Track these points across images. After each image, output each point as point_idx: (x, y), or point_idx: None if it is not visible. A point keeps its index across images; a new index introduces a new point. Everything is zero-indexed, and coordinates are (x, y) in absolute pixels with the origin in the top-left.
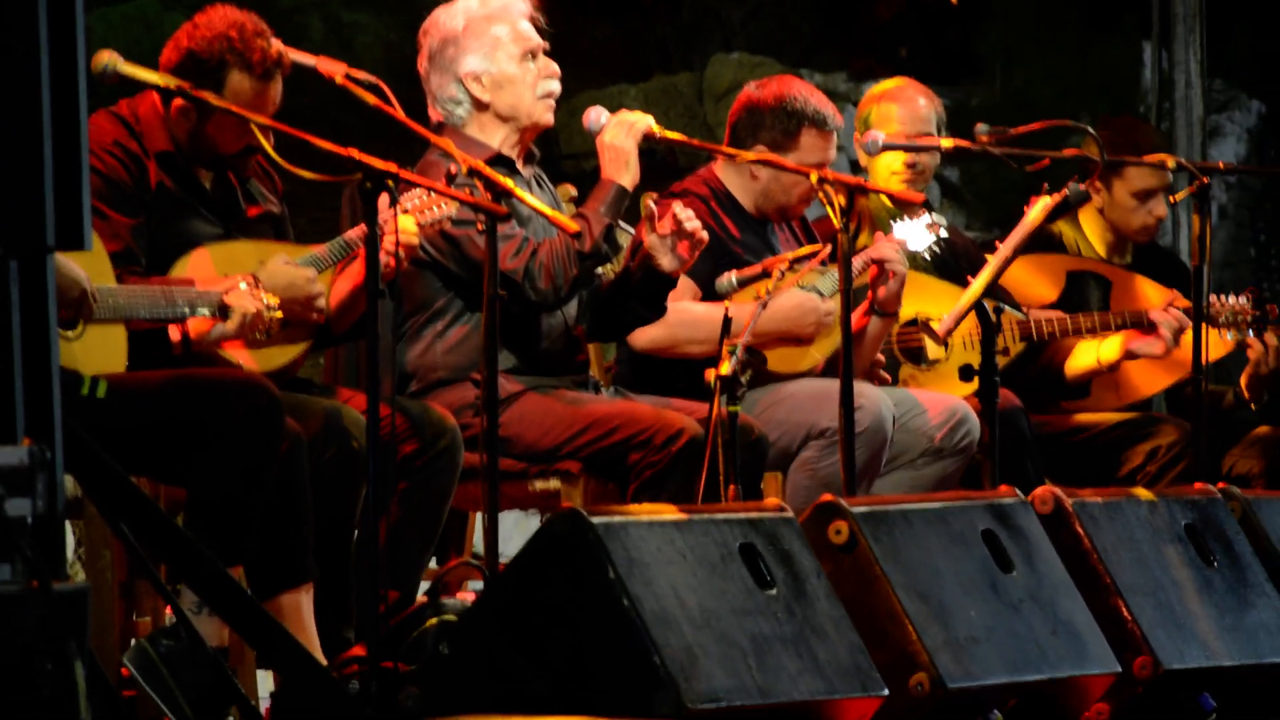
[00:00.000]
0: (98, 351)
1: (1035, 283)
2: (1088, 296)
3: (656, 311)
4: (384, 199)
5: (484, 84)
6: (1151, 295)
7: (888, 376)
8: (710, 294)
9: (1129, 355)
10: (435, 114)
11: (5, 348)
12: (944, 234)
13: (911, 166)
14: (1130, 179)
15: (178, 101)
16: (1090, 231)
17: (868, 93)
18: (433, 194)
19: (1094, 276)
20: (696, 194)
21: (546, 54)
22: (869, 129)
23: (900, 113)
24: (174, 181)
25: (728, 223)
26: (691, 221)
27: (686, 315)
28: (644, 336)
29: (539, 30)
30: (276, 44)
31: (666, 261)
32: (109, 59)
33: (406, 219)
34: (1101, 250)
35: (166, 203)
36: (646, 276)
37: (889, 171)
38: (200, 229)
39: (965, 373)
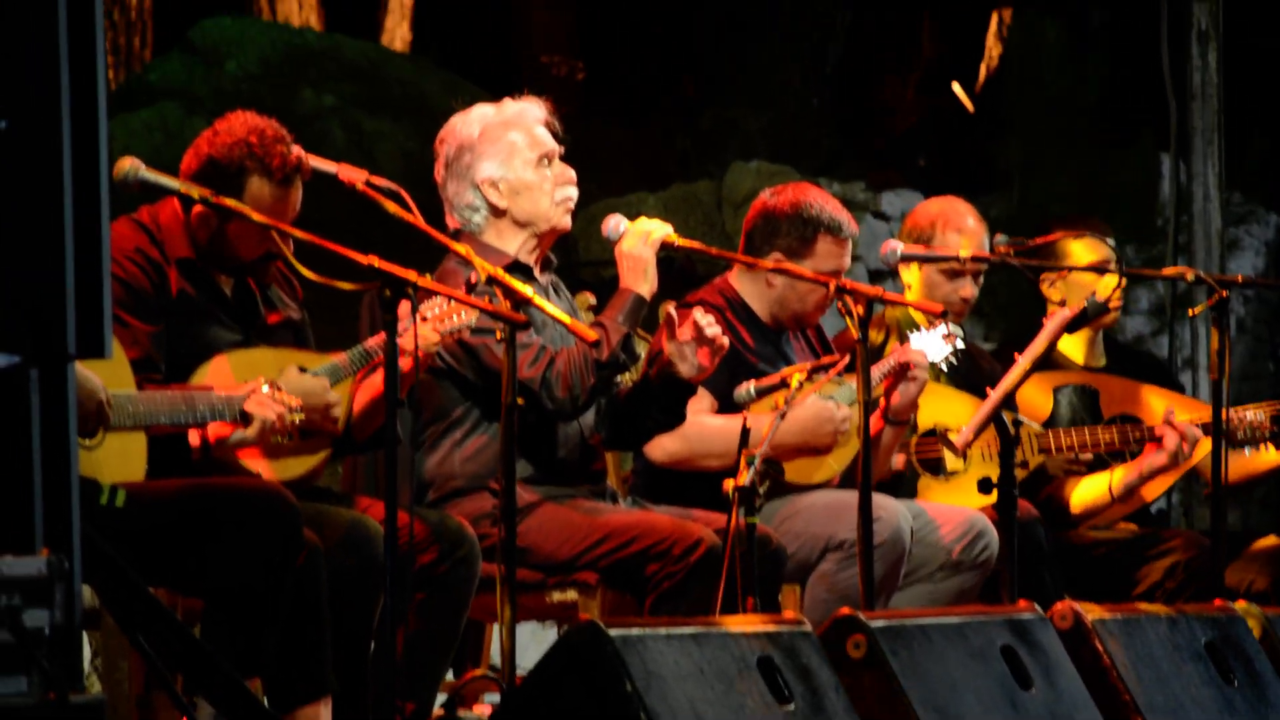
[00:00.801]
0: (117, 459)
1: (1024, 402)
2: (1078, 410)
3: (676, 419)
4: (404, 306)
5: (501, 190)
6: (1144, 399)
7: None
8: (727, 405)
9: (1142, 477)
10: (452, 221)
11: (25, 456)
12: (960, 344)
13: (966, 303)
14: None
15: (198, 208)
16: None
17: (924, 213)
18: (452, 303)
19: (1081, 389)
20: (711, 304)
21: (563, 159)
22: (931, 246)
23: (958, 242)
24: (194, 288)
25: (743, 332)
26: (712, 327)
27: (704, 429)
28: (661, 450)
29: (554, 136)
30: (297, 150)
31: (685, 368)
32: (131, 166)
33: (425, 328)
34: (1080, 356)
35: (187, 309)
36: (665, 384)
37: (943, 303)
38: (220, 335)
39: (984, 485)
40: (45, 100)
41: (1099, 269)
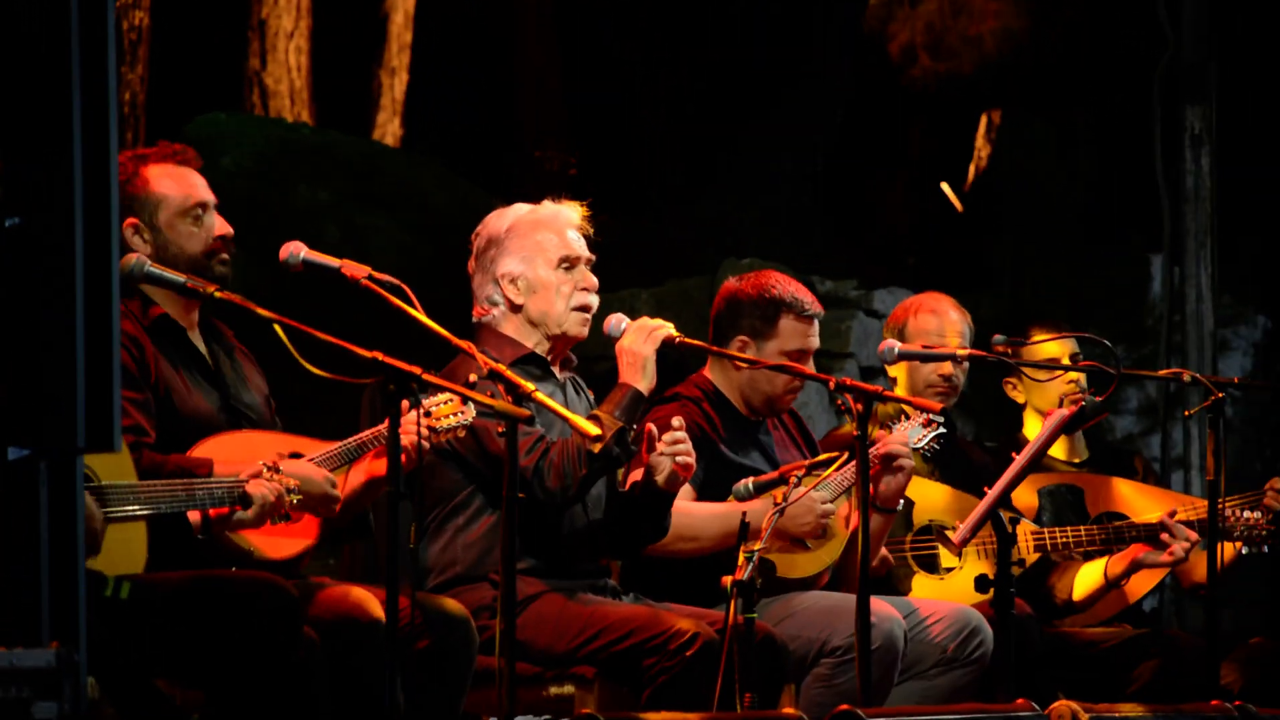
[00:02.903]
0: (119, 551)
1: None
2: (1063, 509)
3: (659, 530)
4: (406, 406)
5: (518, 287)
6: (1127, 495)
7: (891, 559)
8: (704, 494)
9: (1137, 566)
10: (477, 311)
11: (33, 550)
12: (943, 430)
13: (947, 380)
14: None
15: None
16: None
17: (901, 305)
18: (453, 400)
19: (1066, 487)
20: (689, 397)
21: (589, 266)
22: (902, 340)
23: (936, 324)
24: (168, 354)
25: (719, 425)
26: (675, 447)
27: (678, 514)
28: None
29: (588, 243)
30: (300, 245)
31: (661, 478)
32: (137, 261)
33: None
34: (1062, 454)
35: (164, 377)
36: (647, 493)
37: (925, 384)
38: (195, 402)
39: (981, 583)
40: (59, 198)
41: (1095, 369)
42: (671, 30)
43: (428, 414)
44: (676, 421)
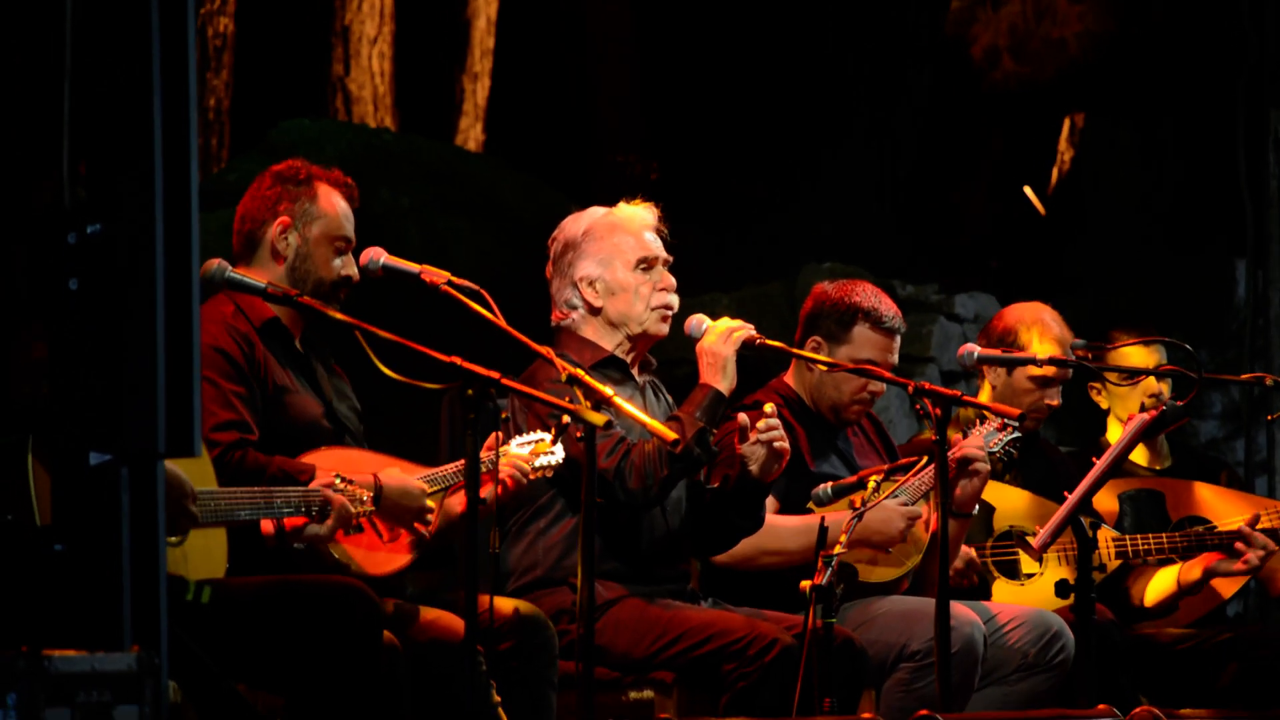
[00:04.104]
0: (200, 555)
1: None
2: (1144, 515)
3: (755, 522)
4: (490, 439)
5: (597, 290)
6: (1209, 500)
7: (974, 578)
8: (788, 504)
9: (1210, 574)
10: (556, 315)
11: (114, 555)
12: (1018, 435)
13: (1052, 410)
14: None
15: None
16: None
17: (1012, 314)
18: (544, 438)
19: (1146, 492)
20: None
21: (668, 266)
22: (1017, 349)
23: (1043, 334)
24: (278, 356)
25: (799, 431)
26: (772, 431)
27: (765, 527)
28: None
29: (664, 243)
30: (381, 251)
31: (756, 469)
32: (218, 267)
33: (518, 455)
34: (1143, 459)
35: (273, 377)
36: (740, 486)
37: (1030, 410)
38: (304, 404)
39: (1061, 588)
40: (140, 204)
41: (1176, 373)
42: (752, 37)
43: (520, 449)
44: (769, 407)
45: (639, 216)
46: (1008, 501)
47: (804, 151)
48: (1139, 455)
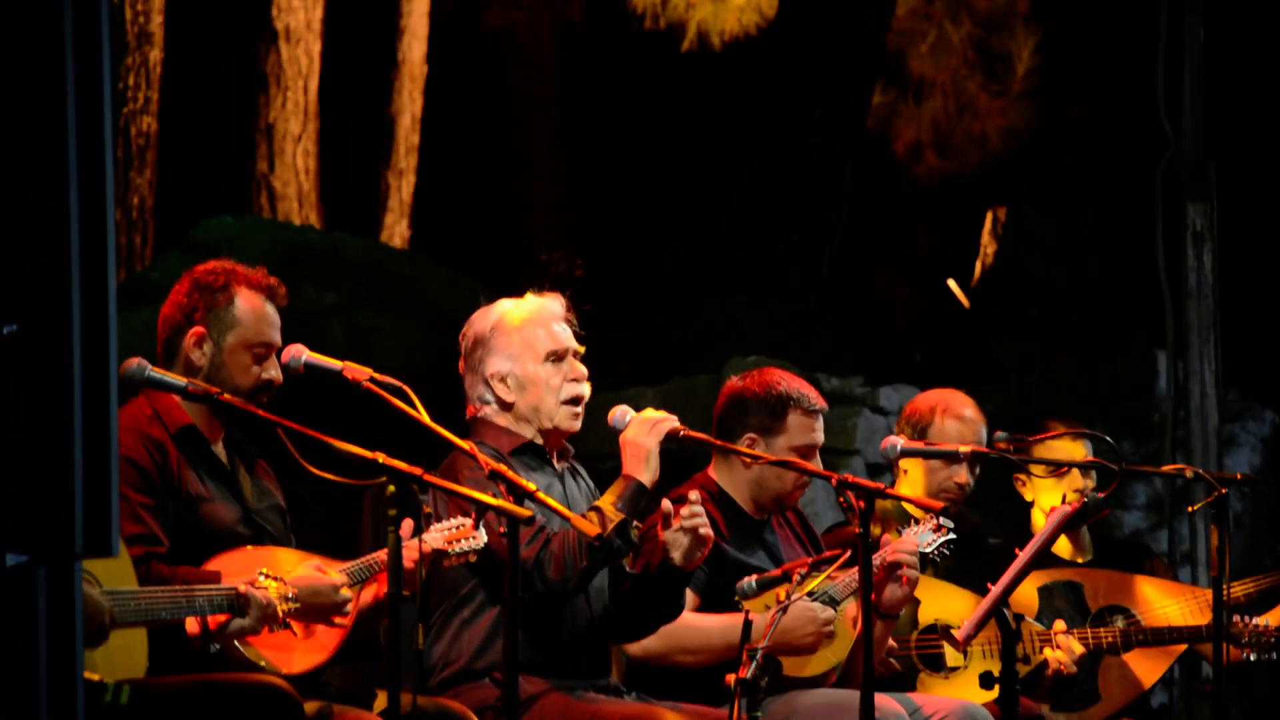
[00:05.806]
0: (119, 656)
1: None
2: (1064, 604)
3: (675, 609)
4: (408, 525)
5: (509, 385)
6: (1136, 587)
7: (896, 665)
8: (710, 596)
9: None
10: (471, 409)
11: (31, 658)
12: (952, 536)
13: (962, 488)
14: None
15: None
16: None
17: (923, 402)
18: (464, 524)
19: (1066, 583)
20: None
21: (578, 358)
22: (924, 439)
23: (957, 430)
24: (193, 463)
25: (722, 525)
26: (694, 520)
27: (681, 626)
28: (639, 645)
29: (574, 333)
30: (302, 348)
31: (678, 555)
32: (138, 365)
33: (437, 538)
34: (1066, 552)
35: (187, 485)
36: (662, 573)
37: (939, 488)
38: (218, 512)
39: (986, 680)
40: (56, 304)
41: (1098, 465)
42: (675, 134)
43: (439, 534)
44: (694, 495)
45: (547, 308)
46: (933, 594)
47: (728, 245)
48: (1061, 547)
